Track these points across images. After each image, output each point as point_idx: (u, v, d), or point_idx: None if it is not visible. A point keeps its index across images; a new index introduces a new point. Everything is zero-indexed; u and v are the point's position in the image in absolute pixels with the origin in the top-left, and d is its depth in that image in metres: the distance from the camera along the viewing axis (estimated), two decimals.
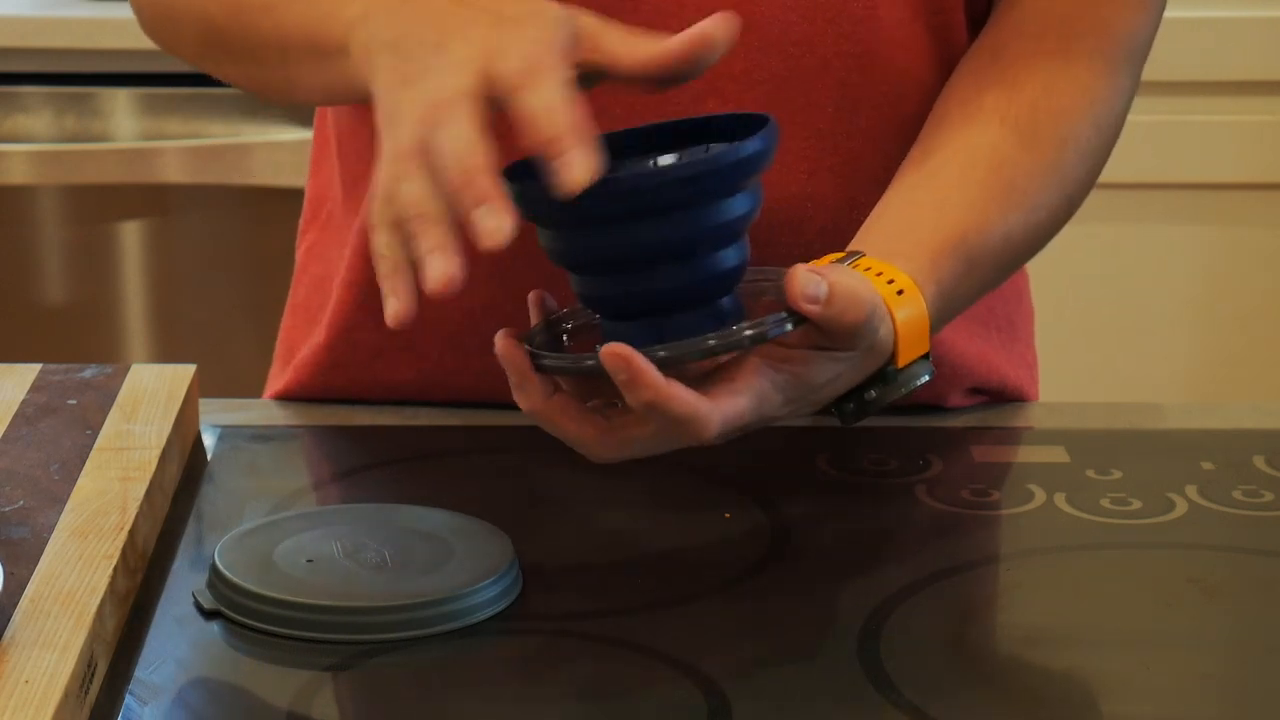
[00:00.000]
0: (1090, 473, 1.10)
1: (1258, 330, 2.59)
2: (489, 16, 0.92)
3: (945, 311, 1.04)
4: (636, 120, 1.00)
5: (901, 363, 1.00)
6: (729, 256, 0.94)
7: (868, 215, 1.07)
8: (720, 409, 0.93)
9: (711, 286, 0.94)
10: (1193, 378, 2.60)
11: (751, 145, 0.92)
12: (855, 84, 1.11)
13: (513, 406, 1.20)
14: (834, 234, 1.08)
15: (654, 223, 0.92)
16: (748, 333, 0.93)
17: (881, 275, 1.00)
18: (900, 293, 1.00)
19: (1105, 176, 1.17)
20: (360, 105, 1.04)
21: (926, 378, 1.00)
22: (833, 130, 1.12)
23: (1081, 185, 1.13)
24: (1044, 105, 1.10)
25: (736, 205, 0.93)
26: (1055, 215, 1.11)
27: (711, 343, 0.93)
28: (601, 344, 0.93)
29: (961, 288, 1.05)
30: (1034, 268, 1.24)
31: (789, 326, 0.94)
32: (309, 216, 1.29)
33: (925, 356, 1.01)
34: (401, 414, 1.19)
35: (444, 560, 0.95)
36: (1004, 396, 1.23)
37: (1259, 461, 1.12)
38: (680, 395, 0.91)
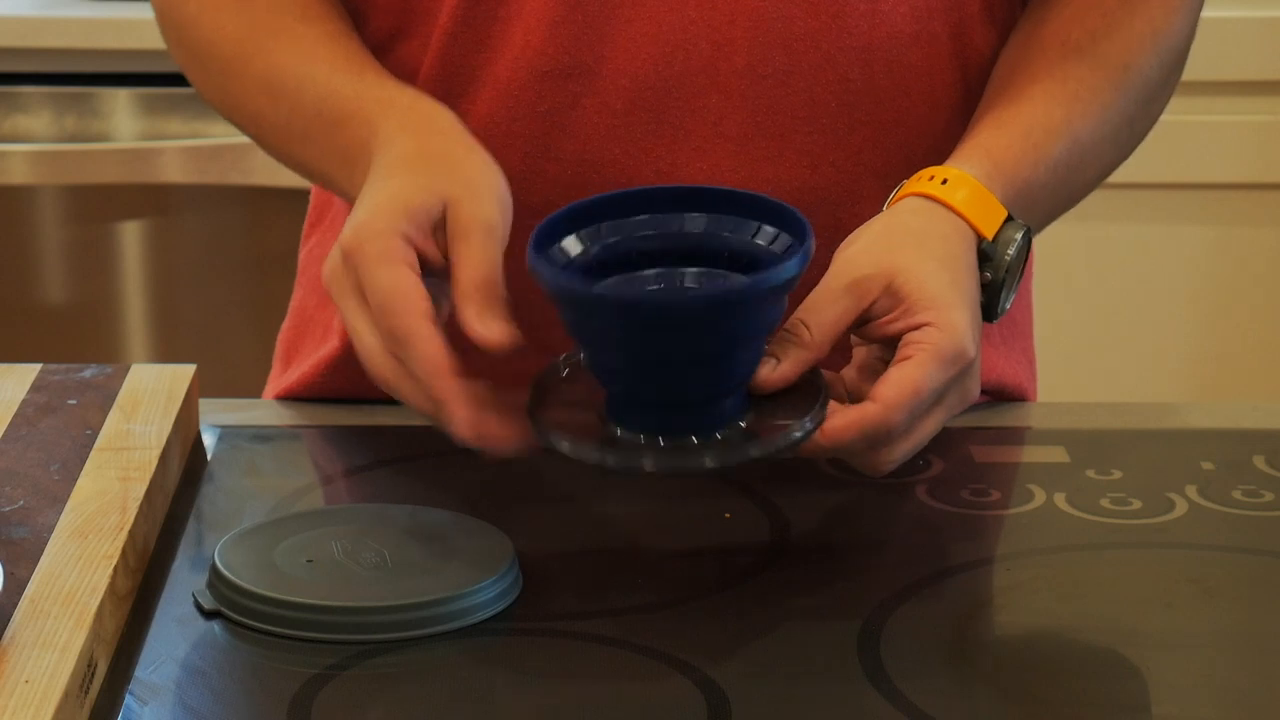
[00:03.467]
0: (1090, 473, 1.10)
1: (1258, 330, 2.59)
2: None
3: (1022, 197, 1.06)
4: (618, 142, 1.07)
5: (989, 235, 1.03)
6: (751, 359, 0.95)
7: (870, 208, 1.07)
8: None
9: (734, 384, 0.95)
10: (1193, 378, 2.60)
11: (790, 268, 0.92)
12: (857, 79, 1.11)
13: None
14: (835, 229, 1.08)
15: (688, 338, 0.92)
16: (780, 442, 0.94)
17: (934, 179, 1.04)
18: (945, 182, 1.03)
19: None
20: None
21: (1021, 235, 1.04)
22: (834, 125, 1.12)
23: (1145, 113, 1.15)
24: (1105, 34, 1.12)
25: (772, 313, 0.94)
26: (1120, 133, 1.13)
27: (753, 450, 0.94)
28: (606, 412, 0.95)
29: (1031, 174, 1.07)
30: (1035, 266, 1.24)
31: (797, 435, 0.94)
32: (313, 220, 1.29)
33: (1010, 219, 1.04)
34: (401, 414, 1.18)
35: (444, 560, 0.95)
36: (1002, 395, 1.23)
37: (1259, 461, 1.12)
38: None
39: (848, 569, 1.00)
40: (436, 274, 0.98)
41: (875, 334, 0.99)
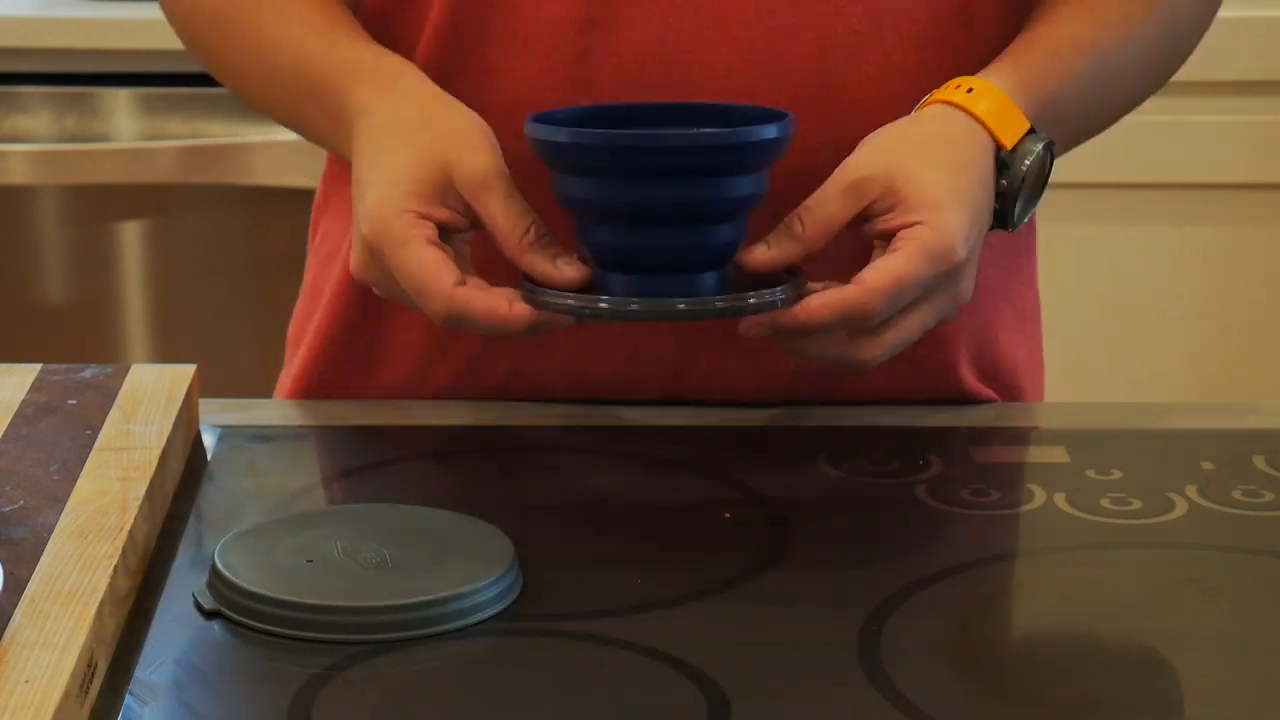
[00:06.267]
0: (1090, 473, 1.10)
1: (1258, 330, 2.59)
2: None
3: (1047, 110, 1.09)
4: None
5: (1008, 144, 1.06)
6: (731, 236, 1.00)
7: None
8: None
9: (714, 254, 1.00)
10: (1193, 378, 2.60)
11: (767, 130, 0.98)
12: (865, 30, 1.12)
13: (509, 402, 1.20)
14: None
15: (688, 182, 0.98)
16: (752, 300, 0.99)
17: (960, 87, 1.07)
18: (970, 91, 1.06)
19: (1104, 176, 1.18)
20: None
21: (1041, 146, 1.06)
22: (843, 78, 1.13)
23: (1175, 47, 1.17)
24: None
25: (749, 186, 0.99)
26: (1148, 55, 1.15)
27: (720, 304, 1.00)
28: (593, 289, 1.01)
29: (1057, 87, 1.10)
30: (1039, 261, 1.24)
31: (769, 298, 0.99)
32: (320, 205, 1.29)
33: (1033, 131, 1.07)
34: (401, 414, 1.19)
35: (444, 560, 0.95)
36: (1005, 378, 1.23)
37: (1259, 461, 1.12)
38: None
39: (848, 569, 1.00)
40: (458, 232, 1.03)
41: (872, 231, 1.03)
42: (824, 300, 0.99)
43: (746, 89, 1.11)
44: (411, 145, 1.03)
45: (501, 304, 0.99)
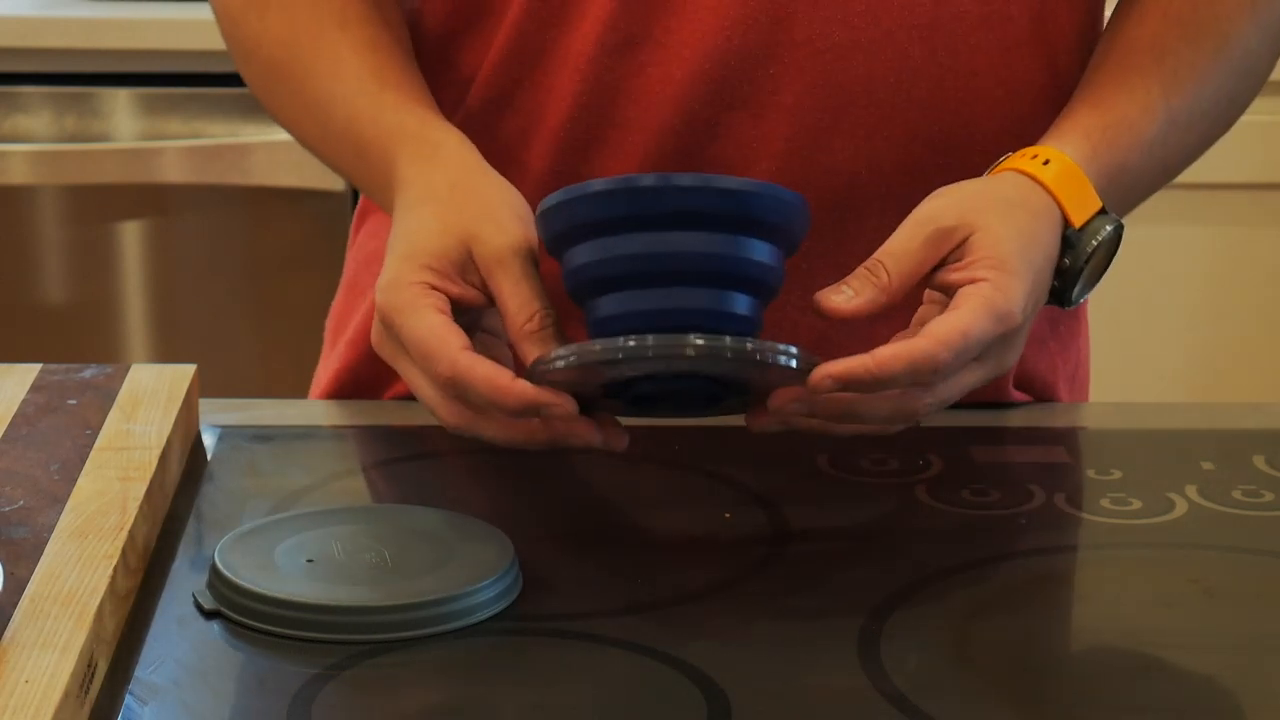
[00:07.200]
0: (1090, 473, 1.10)
1: (1258, 330, 2.59)
2: None
3: (1115, 181, 1.08)
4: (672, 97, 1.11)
5: (1076, 223, 1.04)
6: (745, 307, 0.97)
7: (926, 182, 1.08)
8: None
9: (734, 324, 0.96)
10: (1193, 378, 2.60)
11: (786, 194, 0.96)
12: (918, 56, 1.12)
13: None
14: (889, 200, 1.11)
15: (698, 235, 0.94)
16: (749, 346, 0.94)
17: (1036, 157, 1.05)
18: (1046, 163, 1.05)
19: None
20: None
21: (1111, 228, 1.05)
22: (892, 99, 1.13)
23: (1246, 85, 1.15)
24: (1206, 2, 1.12)
25: (764, 251, 0.96)
26: (1218, 108, 1.14)
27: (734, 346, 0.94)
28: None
29: (1126, 158, 1.09)
30: None
31: (787, 360, 0.94)
32: (364, 207, 1.30)
33: (1103, 211, 1.05)
34: (401, 414, 1.19)
35: (444, 560, 0.95)
36: (1038, 386, 1.24)
37: (1259, 461, 1.12)
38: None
39: (848, 569, 1.00)
40: (474, 309, 1.00)
41: (936, 280, 1.01)
42: (894, 352, 0.95)
43: (793, 106, 1.12)
44: (435, 219, 1.02)
45: (504, 376, 0.95)
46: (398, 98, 1.11)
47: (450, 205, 1.02)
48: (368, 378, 1.23)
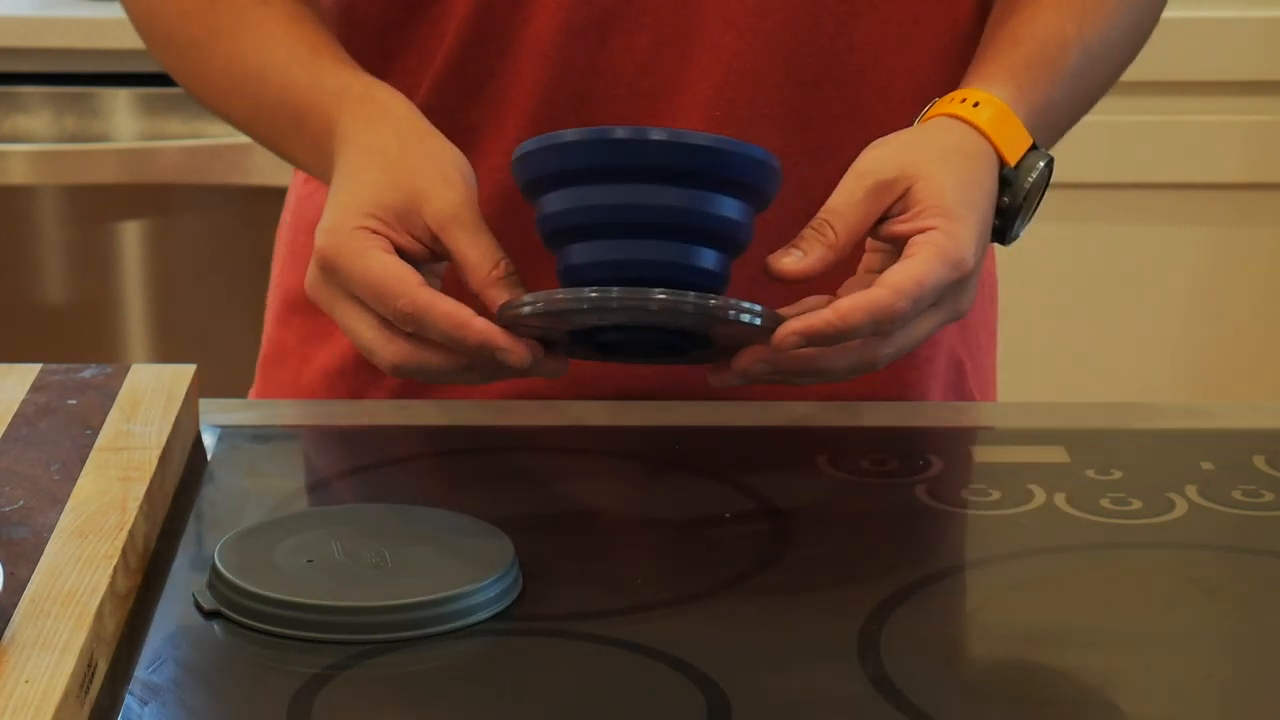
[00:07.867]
0: (1090, 473, 1.10)
1: (1257, 330, 2.59)
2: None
3: (1041, 116, 1.10)
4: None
5: (1011, 161, 1.06)
6: (713, 261, 0.98)
7: (870, 127, 1.10)
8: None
9: (707, 282, 0.98)
10: (1192, 378, 2.60)
11: (756, 151, 0.97)
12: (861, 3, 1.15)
13: (509, 401, 1.19)
14: (827, 145, 1.15)
15: (671, 189, 0.96)
16: (713, 302, 0.95)
17: (965, 100, 1.07)
18: (976, 105, 1.07)
19: (1103, 177, 1.18)
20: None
21: (1044, 164, 1.07)
22: (834, 46, 1.15)
23: (1149, 13, 1.19)
24: None
25: (733, 207, 0.97)
26: (1127, 37, 1.17)
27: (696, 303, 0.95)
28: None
29: (1049, 92, 1.11)
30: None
31: (750, 318, 0.96)
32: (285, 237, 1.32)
33: (1034, 148, 1.07)
34: (401, 414, 1.19)
35: (444, 560, 0.95)
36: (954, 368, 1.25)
37: (1259, 461, 1.12)
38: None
39: (848, 569, 1.00)
40: (414, 263, 1.00)
41: (883, 232, 1.02)
42: (853, 304, 0.97)
43: (752, 70, 1.14)
44: (383, 172, 1.02)
45: (465, 312, 0.96)
46: (334, 64, 1.11)
47: (400, 163, 1.02)
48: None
